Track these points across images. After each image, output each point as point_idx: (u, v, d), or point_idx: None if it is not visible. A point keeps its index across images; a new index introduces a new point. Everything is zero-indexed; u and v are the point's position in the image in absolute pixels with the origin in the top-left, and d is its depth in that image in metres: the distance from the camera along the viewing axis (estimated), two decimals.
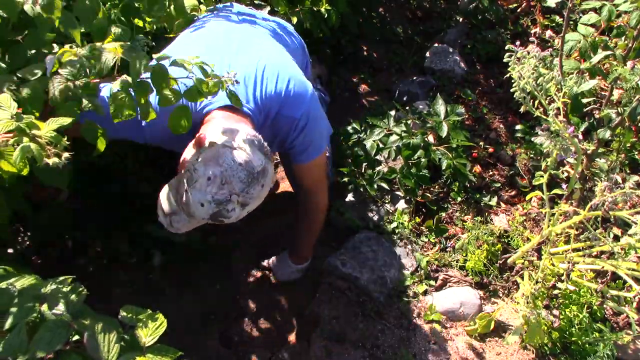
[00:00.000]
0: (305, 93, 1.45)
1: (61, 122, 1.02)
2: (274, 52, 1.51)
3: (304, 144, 1.50)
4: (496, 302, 1.98)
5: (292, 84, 1.42)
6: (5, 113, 0.97)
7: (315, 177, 1.67)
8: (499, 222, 2.18)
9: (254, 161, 1.19)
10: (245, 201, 1.21)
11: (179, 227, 1.27)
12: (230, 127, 1.25)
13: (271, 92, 1.40)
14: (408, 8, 3.23)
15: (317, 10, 2.27)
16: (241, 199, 1.19)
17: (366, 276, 1.94)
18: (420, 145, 2.17)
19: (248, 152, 1.19)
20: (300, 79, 1.46)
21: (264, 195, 1.27)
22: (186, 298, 1.88)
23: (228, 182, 1.16)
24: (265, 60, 1.43)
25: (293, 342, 1.81)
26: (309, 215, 1.78)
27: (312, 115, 1.46)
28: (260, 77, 1.40)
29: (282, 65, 1.45)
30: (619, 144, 2.03)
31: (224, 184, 1.16)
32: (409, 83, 2.70)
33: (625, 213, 1.52)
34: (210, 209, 1.18)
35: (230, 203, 1.18)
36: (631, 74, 1.58)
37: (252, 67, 1.41)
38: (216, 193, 1.16)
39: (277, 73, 1.42)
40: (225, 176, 1.16)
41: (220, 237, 2.07)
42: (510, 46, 1.62)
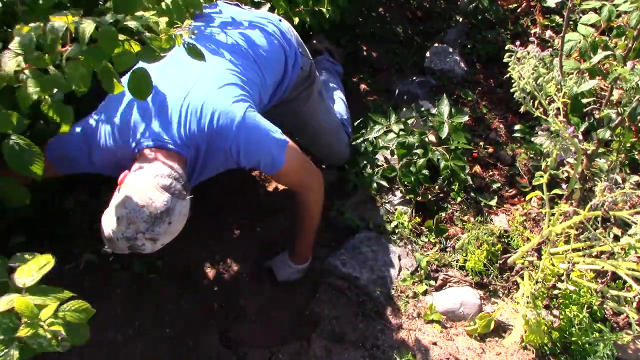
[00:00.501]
0: (231, 124, 1.48)
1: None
2: (204, 83, 1.52)
3: (251, 162, 1.55)
4: (496, 302, 1.98)
5: (216, 118, 1.47)
6: None
7: (292, 182, 1.72)
8: (499, 222, 2.18)
9: (156, 202, 1.32)
10: (154, 237, 1.34)
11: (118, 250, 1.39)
12: (145, 167, 1.39)
13: (194, 129, 1.47)
14: (408, 8, 3.22)
15: (318, 10, 2.28)
16: (148, 236, 1.33)
17: (366, 276, 1.94)
18: (416, 145, 2.16)
19: (151, 195, 1.32)
20: (226, 110, 1.48)
21: (176, 230, 1.40)
22: (186, 298, 1.88)
23: (133, 222, 1.31)
24: (192, 94, 1.48)
25: (293, 342, 1.81)
26: (302, 213, 1.81)
27: (244, 141, 1.50)
28: (185, 114, 1.46)
29: (207, 98, 1.49)
30: (619, 144, 2.03)
31: (129, 224, 1.31)
32: (408, 83, 2.70)
33: (625, 213, 1.52)
34: (124, 244, 1.33)
35: (138, 240, 1.32)
36: (631, 74, 1.58)
37: (178, 103, 1.47)
38: (124, 232, 1.31)
39: (201, 108, 1.47)
40: (129, 217, 1.31)
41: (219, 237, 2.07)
42: (510, 46, 1.62)
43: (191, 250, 2.00)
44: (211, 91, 1.51)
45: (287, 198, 2.23)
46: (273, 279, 1.96)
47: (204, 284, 1.93)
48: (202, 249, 2.02)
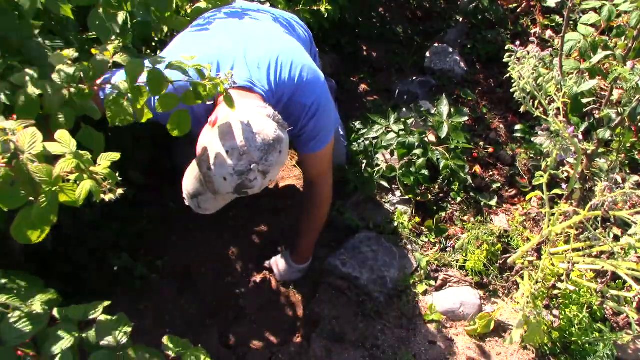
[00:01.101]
0: (317, 81, 1.50)
1: (112, 158, 1.06)
2: (288, 42, 1.56)
3: (313, 132, 1.54)
4: (496, 302, 1.98)
5: (306, 72, 1.47)
6: (64, 149, 1.00)
7: (320, 168, 1.71)
8: (499, 222, 2.18)
9: (267, 130, 1.23)
10: (266, 169, 1.24)
11: (207, 207, 1.33)
12: (241, 102, 1.30)
13: (285, 78, 1.45)
14: (408, 8, 3.23)
15: (317, 10, 2.28)
16: (261, 168, 1.23)
17: (366, 276, 1.94)
18: (416, 145, 2.17)
19: (261, 122, 1.24)
20: (313, 68, 1.51)
21: (284, 162, 1.31)
22: (186, 298, 1.88)
23: (246, 152, 1.20)
24: (280, 48, 1.49)
25: (293, 342, 1.81)
26: (311, 208, 1.80)
27: (323, 104, 1.51)
28: (275, 64, 1.44)
29: (296, 54, 1.50)
30: (619, 144, 2.03)
31: (242, 155, 1.20)
32: (409, 83, 2.70)
33: (625, 213, 1.52)
34: (233, 181, 1.22)
35: (251, 172, 1.22)
36: (631, 74, 1.58)
37: (268, 54, 1.45)
38: (236, 165, 1.20)
39: (292, 61, 1.47)
40: (242, 147, 1.20)
41: (220, 237, 2.07)
42: (510, 46, 1.62)
43: (191, 250, 2.00)
44: (298, 49, 1.53)
45: (287, 198, 2.23)
46: (273, 279, 1.96)
47: (204, 284, 1.93)
48: (202, 249, 2.02)
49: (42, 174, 0.94)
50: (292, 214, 2.16)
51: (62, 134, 1.03)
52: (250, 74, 1.41)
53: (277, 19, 1.71)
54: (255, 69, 1.43)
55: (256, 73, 1.42)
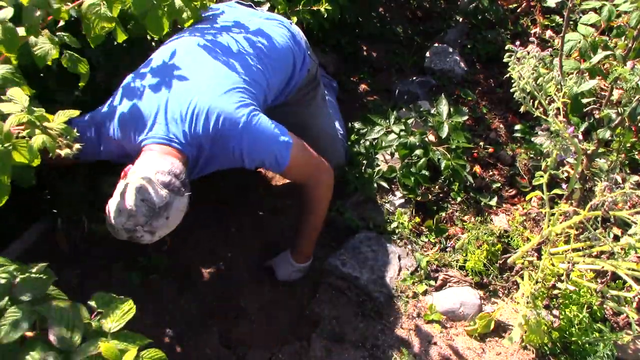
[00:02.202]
0: (234, 127, 1.53)
1: (69, 114, 1.07)
2: (212, 84, 1.57)
3: (256, 162, 1.60)
4: (496, 302, 1.98)
5: (221, 120, 1.52)
6: (17, 106, 1.01)
7: (301, 176, 1.73)
8: (499, 222, 2.18)
9: (155, 198, 1.37)
10: (152, 230, 1.41)
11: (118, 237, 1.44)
12: (149, 162, 1.44)
13: (199, 130, 1.52)
14: (408, 8, 3.22)
15: (317, 10, 2.28)
16: (147, 229, 1.40)
17: (366, 276, 1.94)
18: (418, 145, 2.17)
19: (151, 190, 1.38)
20: (230, 114, 1.53)
21: (174, 224, 1.47)
22: (186, 298, 1.88)
23: (132, 215, 1.37)
24: (198, 96, 1.53)
25: (293, 342, 1.81)
26: (308, 208, 1.81)
27: (247, 144, 1.55)
28: (190, 116, 1.52)
29: (213, 101, 1.53)
30: (619, 144, 2.03)
31: (129, 217, 1.37)
32: (409, 83, 2.70)
33: (625, 213, 1.52)
34: (124, 234, 1.40)
35: (137, 232, 1.39)
36: (631, 74, 1.58)
37: (186, 105, 1.52)
38: (124, 223, 1.38)
39: (207, 111, 1.52)
40: (129, 211, 1.37)
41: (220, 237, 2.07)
42: (510, 46, 1.62)
43: (191, 250, 2.00)
44: (217, 95, 1.55)
45: (287, 198, 2.23)
46: (273, 279, 1.96)
47: (204, 284, 1.93)
48: (202, 248, 2.02)
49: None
50: (292, 214, 2.16)
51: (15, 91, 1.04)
52: (168, 130, 1.50)
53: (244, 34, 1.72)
54: (173, 122, 1.51)
55: (173, 127, 1.51)
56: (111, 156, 1.64)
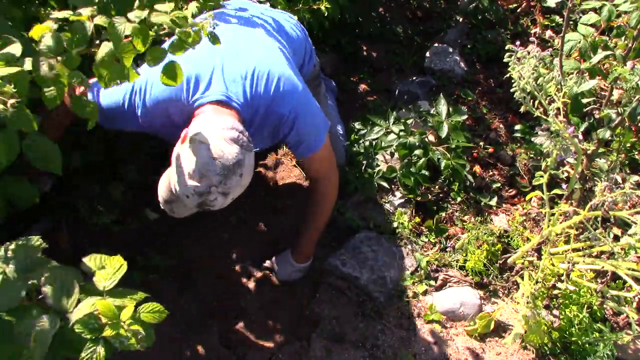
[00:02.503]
0: (294, 91, 1.53)
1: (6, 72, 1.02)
2: (266, 52, 1.58)
3: (296, 139, 1.57)
4: (496, 302, 1.98)
5: (282, 83, 1.50)
6: None
7: (318, 170, 1.73)
8: (499, 222, 2.18)
9: (227, 154, 1.29)
10: (225, 191, 1.31)
11: (179, 212, 1.38)
12: (211, 121, 1.36)
13: (260, 90, 1.48)
14: (408, 8, 3.22)
15: (317, 9, 2.28)
16: (220, 190, 1.29)
17: (366, 276, 1.94)
18: (417, 145, 2.17)
19: (222, 147, 1.29)
20: (290, 78, 1.53)
21: (246, 183, 1.37)
22: (186, 298, 1.88)
23: (205, 175, 1.27)
24: (257, 60, 1.51)
25: (293, 342, 1.81)
26: (314, 206, 1.82)
27: (302, 112, 1.54)
28: (251, 76, 1.48)
29: (272, 65, 1.52)
30: (619, 144, 2.03)
31: (202, 178, 1.27)
32: (409, 83, 2.70)
33: (625, 213, 1.52)
34: (195, 199, 1.29)
35: (210, 194, 1.29)
36: (631, 74, 1.58)
37: (245, 67, 1.48)
38: (196, 186, 1.27)
39: (267, 72, 1.49)
40: (202, 171, 1.27)
41: (220, 237, 2.07)
42: (510, 46, 1.62)
43: (191, 250, 2.00)
44: (276, 60, 1.55)
45: (287, 198, 2.23)
46: (273, 278, 1.96)
47: (204, 284, 1.93)
48: (202, 248, 2.02)
49: None
50: (292, 214, 2.16)
51: None
52: (227, 88, 1.45)
53: (263, 20, 1.71)
54: (232, 82, 1.46)
55: (232, 87, 1.45)
56: (150, 125, 1.52)
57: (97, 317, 0.95)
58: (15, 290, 0.93)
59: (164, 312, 1.04)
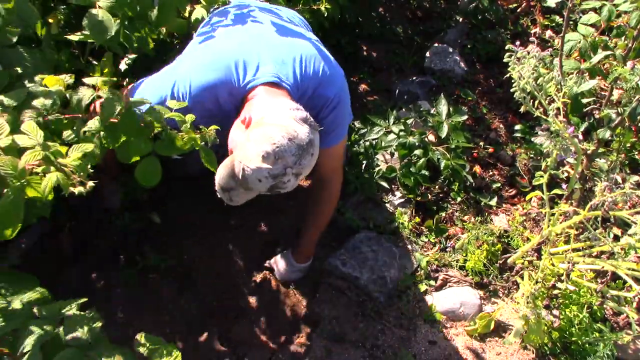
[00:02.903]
0: (339, 75, 1.57)
1: (85, 149, 1.03)
2: (307, 38, 1.61)
3: (332, 124, 1.59)
4: (496, 302, 1.98)
5: (328, 66, 1.53)
6: (32, 141, 0.97)
7: (333, 164, 1.73)
8: (499, 222, 2.18)
9: (301, 134, 1.26)
10: (299, 171, 1.28)
11: (238, 200, 1.36)
12: (274, 103, 1.34)
13: (310, 72, 1.49)
14: (408, 8, 3.22)
15: (317, 9, 2.28)
16: (295, 170, 1.27)
17: (366, 276, 1.94)
18: (417, 145, 2.17)
19: (295, 127, 1.26)
20: (333, 63, 1.57)
21: (314, 162, 1.35)
22: (186, 298, 1.88)
23: (281, 157, 1.23)
24: (303, 44, 1.55)
25: (293, 342, 1.81)
26: (320, 205, 1.81)
27: (343, 97, 1.58)
28: (300, 59, 1.49)
29: (317, 49, 1.56)
30: (619, 144, 2.03)
31: (277, 160, 1.23)
32: (409, 83, 2.70)
33: (625, 213, 1.52)
34: (268, 182, 1.26)
35: (285, 176, 1.26)
36: (631, 74, 1.58)
37: (291, 49, 1.50)
38: (272, 169, 1.23)
39: (314, 56, 1.52)
40: (277, 152, 1.23)
41: (220, 237, 2.07)
42: (510, 46, 1.62)
43: (191, 250, 2.00)
44: (318, 46, 1.58)
45: (287, 198, 2.23)
46: (273, 278, 1.96)
47: (204, 284, 1.93)
48: (202, 248, 2.02)
49: (8, 167, 0.91)
50: (292, 214, 2.16)
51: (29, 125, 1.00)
52: (277, 70, 1.43)
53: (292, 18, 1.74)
54: (281, 64, 1.45)
55: (282, 68, 1.45)
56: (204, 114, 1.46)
57: None
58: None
59: None
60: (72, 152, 1.02)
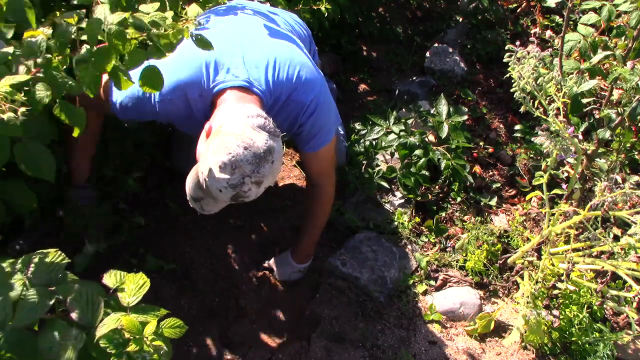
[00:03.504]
0: (316, 80, 1.52)
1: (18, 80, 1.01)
2: (286, 41, 1.58)
3: (312, 130, 1.56)
4: (496, 302, 1.98)
5: (304, 72, 1.50)
6: None
7: (321, 168, 1.72)
8: (499, 222, 2.18)
9: (257, 142, 1.26)
10: (259, 180, 1.28)
11: (209, 209, 1.36)
12: (235, 111, 1.32)
13: (283, 77, 1.47)
14: (408, 8, 3.22)
15: (317, 9, 2.28)
16: (254, 179, 1.27)
17: (366, 276, 1.94)
18: (417, 145, 2.17)
19: (250, 135, 1.26)
20: (311, 68, 1.53)
21: (278, 169, 1.34)
22: (186, 298, 1.88)
23: (238, 166, 1.24)
24: (278, 48, 1.51)
25: (293, 342, 1.81)
26: (314, 208, 1.81)
27: (322, 102, 1.53)
28: (273, 63, 1.46)
29: (294, 53, 1.53)
30: (619, 144, 2.03)
31: (234, 169, 1.24)
32: (409, 83, 2.70)
33: (625, 213, 1.52)
34: (228, 192, 1.26)
35: (245, 185, 1.26)
36: (631, 74, 1.58)
37: (266, 54, 1.48)
38: (229, 179, 1.24)
39: (290, 60, 1.49)
40: (233, 162, 1.23)
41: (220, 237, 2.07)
42: (510, 46, 1.62)
43: (191, 250, 2.00)
44: (297, 50, 1.55)
45: (287, 198, 2.23)
46: (273, 279, 1.96)
47: (204, 284, 1.93)
48: (202, 249, 2.02)
49: None
50: (292, 214, 2.16)
51: None
52: (249, 74, 1.42)
53: (274, 17, 1.71)
54: (254, 68, 1.44)
55: (254, 73, 1.43)
56: (167, 113, 1.47)
57: (121, 332, 0.96)
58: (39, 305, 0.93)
59: (183, 328, 1.05)
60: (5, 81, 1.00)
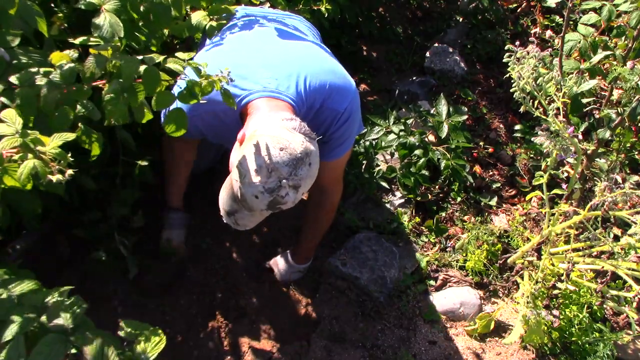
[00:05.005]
0: (350, 87, 1.50)
1: (65, 138, 1.01)
2: (313, 50, 1.56)
3: (341, 138, 1.53)
4: (496, 302, 1.98)
5: (337, 78, 1.47)
6: (10, 129, 0.96)
7: (335, 175, 1.70)
8: (499, 222, 2.18)
9: (294, 144, 1.21)
10: (297, 183, 1.22)
11: (244, 223, 1.33)
12: (268, 116, 1.29)
13: (316, 84, 1.43)
14: (408, 8, 3.22)
15: (317, 9, 2.28)
16: (292, 182, 1.21)
17: (366, 276, 1.94)
18: (417, 145, 2.17)
19: (286, 137, 1.21)
20: (344, 74, 1.51)
21: (315, 174, 1.28)
22: (186, 298, 1.88)
23: (274, 169, 1.18)
24: (308, 56, 1.49)
25: (293, 342, 1.81)
26: (319, 214, 1.79)
27: (355, 110, 1.51)
28: (305, 72, 1.43)
29: (326, 60, 1.51)
30: (619, 144, 2.03)
31: (270, 172, 1.18)
32: (409, 83, 2.70)
33: (625, 213, 1.52)
34: (265, 198, 1.21)
35: (282, 189, 1.21)
36: (631, 74, 1.58)
37: (296, 63, 1.45)
38: (266, 182, 1.19)
39: (322, 67, 1.47)
40: (270, 164, 1.18)
41: (220, 237, 2.07)
42: (510, 46, 1.62)
43: (191, 251, 2.00)
44: (326, 57, 1.53)
45: None
46: (273, 279, 1.96)
47: (204, 284, 1.93)
48: (202, 248, 2.02)
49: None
50: (292, 214, 2.15)
51: (9, 113, 0.99)
52: (278, 83, 1.39)
53: (293, 22, 1.70)
54: (284, 77, 1.40)
55: (284, 82, 1.40)
56: (195, 126, 1.45)
57: None
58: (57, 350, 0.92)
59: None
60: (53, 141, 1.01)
